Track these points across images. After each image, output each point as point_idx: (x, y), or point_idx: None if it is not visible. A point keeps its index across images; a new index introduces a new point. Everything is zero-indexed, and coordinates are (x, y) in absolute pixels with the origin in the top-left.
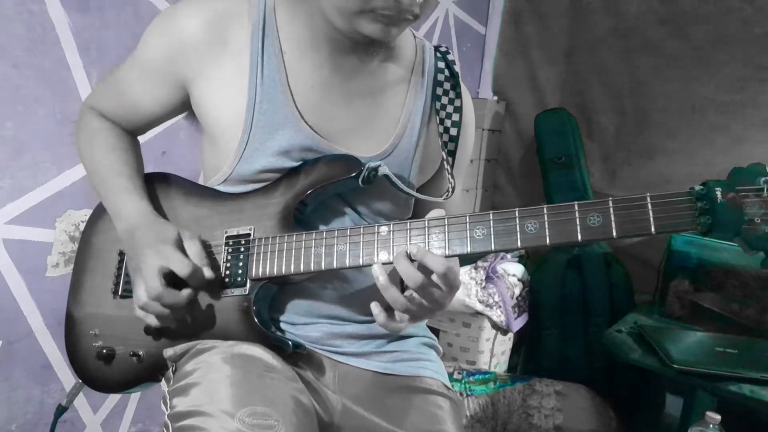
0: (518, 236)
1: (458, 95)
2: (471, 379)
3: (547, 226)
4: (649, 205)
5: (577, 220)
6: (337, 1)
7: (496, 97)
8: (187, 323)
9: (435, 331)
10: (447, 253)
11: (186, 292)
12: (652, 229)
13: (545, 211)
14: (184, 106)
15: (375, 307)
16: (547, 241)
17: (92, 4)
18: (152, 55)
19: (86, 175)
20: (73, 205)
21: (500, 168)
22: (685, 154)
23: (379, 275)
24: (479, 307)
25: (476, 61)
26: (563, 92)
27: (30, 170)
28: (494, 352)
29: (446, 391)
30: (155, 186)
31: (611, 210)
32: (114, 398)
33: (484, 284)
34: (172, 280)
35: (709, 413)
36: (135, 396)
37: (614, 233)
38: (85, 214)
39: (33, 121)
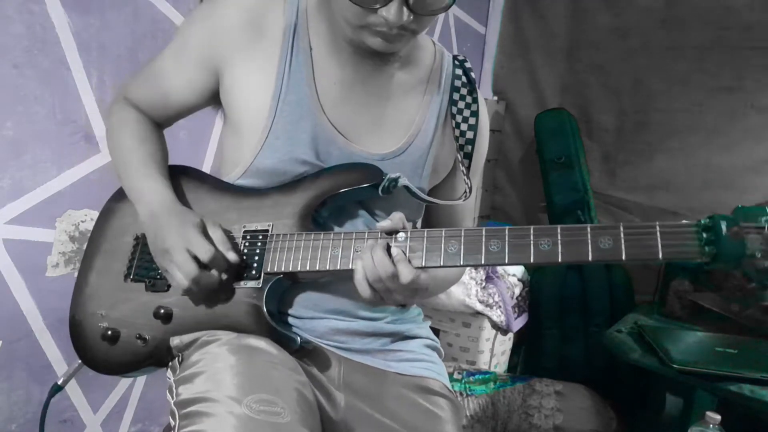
0: (531, 252)
1: (475, 100)
2: (471, 379)
3: (560, 244)
4: (658, 233)
5: (589, 241)
6: (343, 14)
7: (496, 97)
8: (198, 311)
9: (435, 331)
10: (461, 263)
11: (216, 274)
12: (660, 255)
13: (559, 231)
14: (214, 96)
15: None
16: (559, 258)
17: (92, 4)
18: (191, 39)
19: (87, 174)
20: (73, 205)
21: (500, 168)
22: (685, 154)
23: (364, 250)
24: (479, 307)
25: (476, 61)
26: (563, 92)
27: (30, 170)
28: (494, 352)
29: (447, 393)
30: (176, 178)
31: (622, 235)
32: (114, 398)
33: (484, 284)
34: (198, 263)
35: (709, 413)
36: (135, 396)
37: (623, 256)
38: (86, 213)
39: (33, 121)
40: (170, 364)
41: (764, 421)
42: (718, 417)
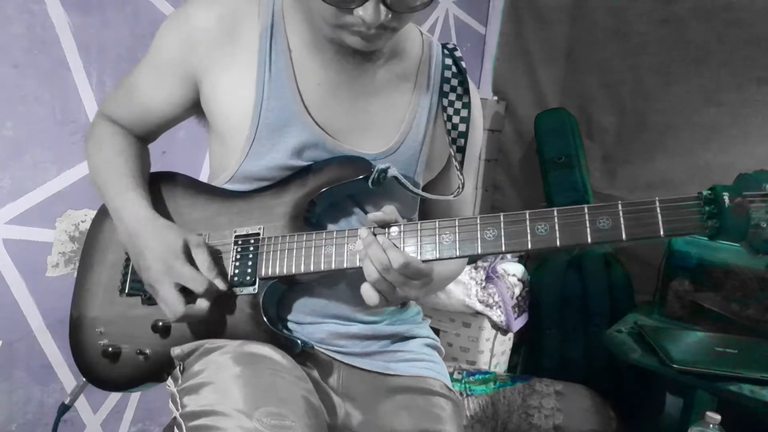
0: (528, 238)
1: (466, 91)
2: (471, 379)
3: (557, 228)
4: (658, 209)
5: (587, 222)
6: (320, 13)
7: (496, 97)
8: (196, 322)
9: (435, 331)
10: (457, 253)
11: (205, 304)
12: (661, 232)
13: (555, 214)
14: (194, 106)
15: (364, 285)
16: (557, 243)
17: (92, 4)
18: (165, 49)
19: (87, 174)
20: (73, 205)
21: (500, 168)
22: (685, 154)
23: (360, 248)
24: (479, 307)
25: (476, 61)
26: (563, 92)
27: (30, 170)
28: (494, 352)
29: (448, 393)
30: (163, 185)
31: (620, 213)
32: (114, 398)
33: (484, 284)
34: (186, 290)
35: (709, 413)
36: (135, 396)
37: (623, 236)
38: (85, 213)
39: (33, 121)
40: (171, 372)
41: (764, 421)
42: (718, 417)
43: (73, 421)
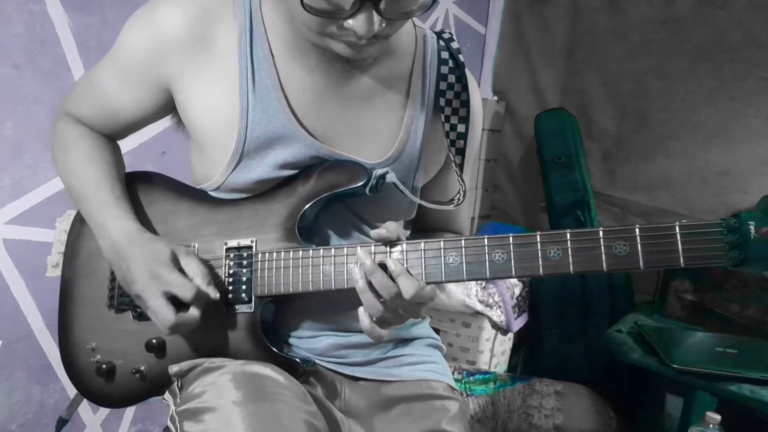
0: (540, 263)
1: (464, 88)
2: (471, 379)
3: (570, 252)
4: (678, 235)
5: (602, 248)
6: (301, 19)
7: (496, 97)
8: (192, 340)
9: (435, 331)
10: (465, 277)
11: (197, 312)
12: (681, 261)
13: (568, 237)
14: (168, 109)
15: (361, 311)
16: (571, 269)
17: (92, 3)
18: (131, 52)
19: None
20: (73, 205)
21: (500, 168)
22: (685, 154)
23: (359, 278)
24: (479, 307)
25: (476, 61)
26: (563, 92)
27: (30, 170)
28: (494, 352)
29: (452, 393)
30: (140, 188)
31: (638, 238)
32: None
33: (484, 284)
34: (175, 300)
35: (709, 413)
36: None
37: (641, 264)
38: None
39: (33, 121)
40: (169, 387)
41: (764, 421)
42: (718, 417)
43: (73, 421)
